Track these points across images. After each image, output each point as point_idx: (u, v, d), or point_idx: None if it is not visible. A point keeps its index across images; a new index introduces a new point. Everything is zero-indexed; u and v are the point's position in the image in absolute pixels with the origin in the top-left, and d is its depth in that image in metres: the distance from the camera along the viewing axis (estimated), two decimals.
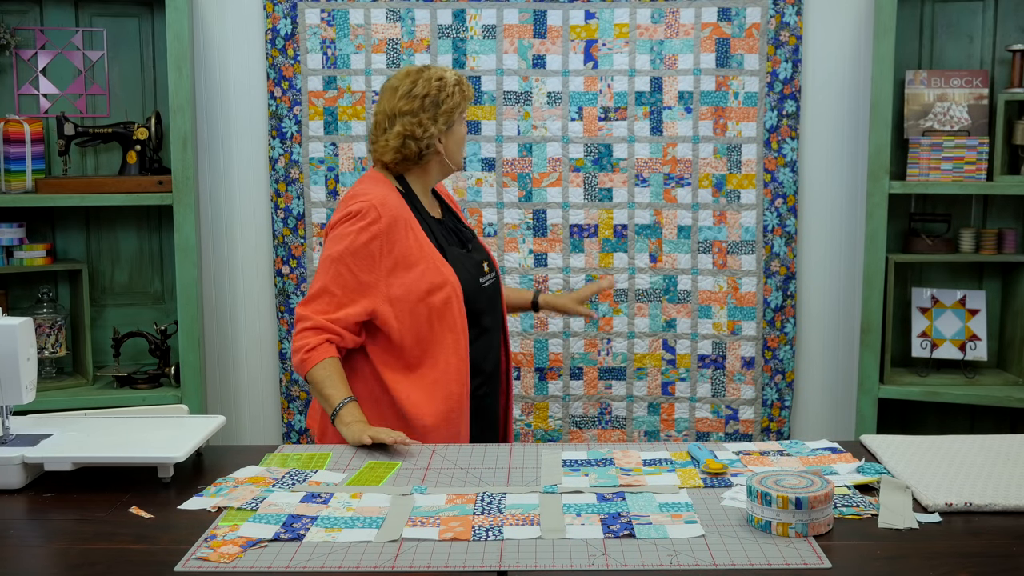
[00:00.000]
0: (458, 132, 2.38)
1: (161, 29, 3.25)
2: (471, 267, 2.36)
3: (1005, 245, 3.22)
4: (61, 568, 1.51)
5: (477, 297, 2.33)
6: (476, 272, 2.37)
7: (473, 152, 3.30)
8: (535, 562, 1.49)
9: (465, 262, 2.35)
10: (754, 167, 3.30)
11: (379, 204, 2.25)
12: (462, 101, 2.36)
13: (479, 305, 2.34)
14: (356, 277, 2.23)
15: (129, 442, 1.93)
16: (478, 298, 2.34)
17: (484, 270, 2.39)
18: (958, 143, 3.12)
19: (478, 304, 2.34)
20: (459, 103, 2.35)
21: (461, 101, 2.36)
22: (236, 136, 3.37)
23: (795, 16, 3.24)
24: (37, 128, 3.21)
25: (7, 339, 1.86)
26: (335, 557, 1.51)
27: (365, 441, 2.04)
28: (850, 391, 3.39)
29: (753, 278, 3.33)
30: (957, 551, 1.53)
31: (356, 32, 3.28)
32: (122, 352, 3.29)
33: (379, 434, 2.04)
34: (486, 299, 2.37)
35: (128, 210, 3.35)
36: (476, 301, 2.33)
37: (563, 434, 3.41)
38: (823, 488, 1.59)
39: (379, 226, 2.23)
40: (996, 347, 3.35)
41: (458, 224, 2.47)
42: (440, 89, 2.33)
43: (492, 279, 2.42)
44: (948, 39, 3.27)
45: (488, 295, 2.39)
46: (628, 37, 3.27)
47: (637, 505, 1.70)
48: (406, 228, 2.27)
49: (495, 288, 2.43)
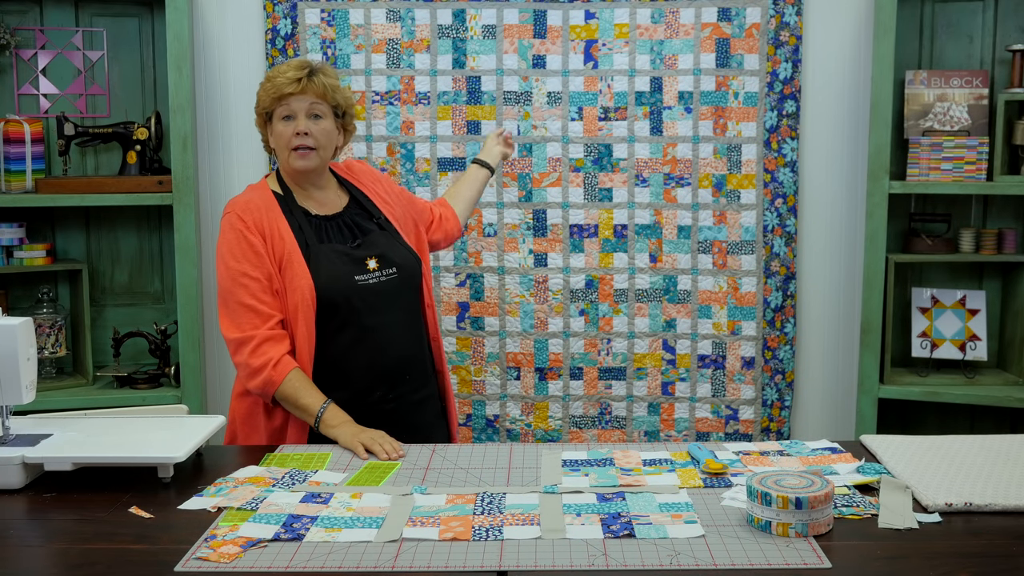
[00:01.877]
0: (276, 129, 2.31)
1: (161, 29, 3.25)
2: (342, 264, 2.26)
3: (1005, 245, 3.22)
4: (61, 568, 1.51)
5: (349, 295, 2.24)
6: (350, 269, 2.26)
7: (473, 152, 3.30)
8: (535, 562, 1.49)
9: (334, 260, 2.26)
10: (754, 167, 3.30)
11: (240, 209, 2.28)
12: (263, 95, 2.31)
13: (353, 303, 2.25)
14: (257, 280, 2.23)
15: (129, 442, 1.93)
16: (351, 296, 2.25)
17: (368, 267, 2.28)
18: (958, 143, 3.12)
19: (352, 303, 2.25)
20: (260, 97, 2.32)
21: (262, 95, 2.31)
22: (236, 136, 3.37)
23: (795, 16, 3.24)
24: (37, 128, 3.21)
25: (7, 339, 1.86)
26: (335, 557, 1.51)
27: (358, 450, 2.03)
28: (850, 391, 3.39)
29: (753, 278, 3.33)
30: (957, 551, 1.53)
31: (356, 32, 3.28)
32: (122, 352, 3.29)
33: (373, 446, 2.03)
34: (367, 297, 2.26)
35: (128, 210, 3.35)
36: (348, 299, 2.24)
37: (563, 434, 3.41)
38: (823, 488, 1.59)
39: (245, 227, 2.24)
40: (996, 347, 3.35)
41: (361, 218, 2.38)
42: (260, 84, 2.35)
43: (381, 277, 2.29)
44: (948, 39, 3.27)
45: (374, 292, 2.27)
46: (628, 37, 3.27)
47: (637, 505, 1.70)
48: (270, 227, 2.26)
49: (390, 285, 2.30)
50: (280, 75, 2.28)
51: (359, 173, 2.50)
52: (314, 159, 2.31)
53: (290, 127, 2.29)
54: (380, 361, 2.29)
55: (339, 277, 2.25)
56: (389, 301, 2.31)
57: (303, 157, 2.30)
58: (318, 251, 2.26)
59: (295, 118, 2.29)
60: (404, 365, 2.34)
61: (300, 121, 2.29)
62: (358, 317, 2.26)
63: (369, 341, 2.28)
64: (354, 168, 2.51)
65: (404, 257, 2.36)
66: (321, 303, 2.23)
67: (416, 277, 2.39)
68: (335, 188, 2.43)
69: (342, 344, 2.27)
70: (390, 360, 2.31)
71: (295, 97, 2.28)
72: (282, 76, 2.28)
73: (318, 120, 2.31)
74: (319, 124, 2.31)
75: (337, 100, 2.35)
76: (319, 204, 2.36)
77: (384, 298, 2.30)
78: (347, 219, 2.37)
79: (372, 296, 2.28)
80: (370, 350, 2.28)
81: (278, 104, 2.29)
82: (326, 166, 2.39)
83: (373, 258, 2.30)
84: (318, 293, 2.22)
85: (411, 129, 3.31)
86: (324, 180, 2.40)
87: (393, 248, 2.36)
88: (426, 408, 2.40)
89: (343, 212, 2.38)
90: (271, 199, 2.31)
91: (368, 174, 2.51)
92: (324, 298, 2.23)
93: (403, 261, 2.35)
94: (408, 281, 2.36)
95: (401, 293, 2.34)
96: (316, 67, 2.32)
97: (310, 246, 2.26)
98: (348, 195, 2.42)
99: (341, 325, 2.26)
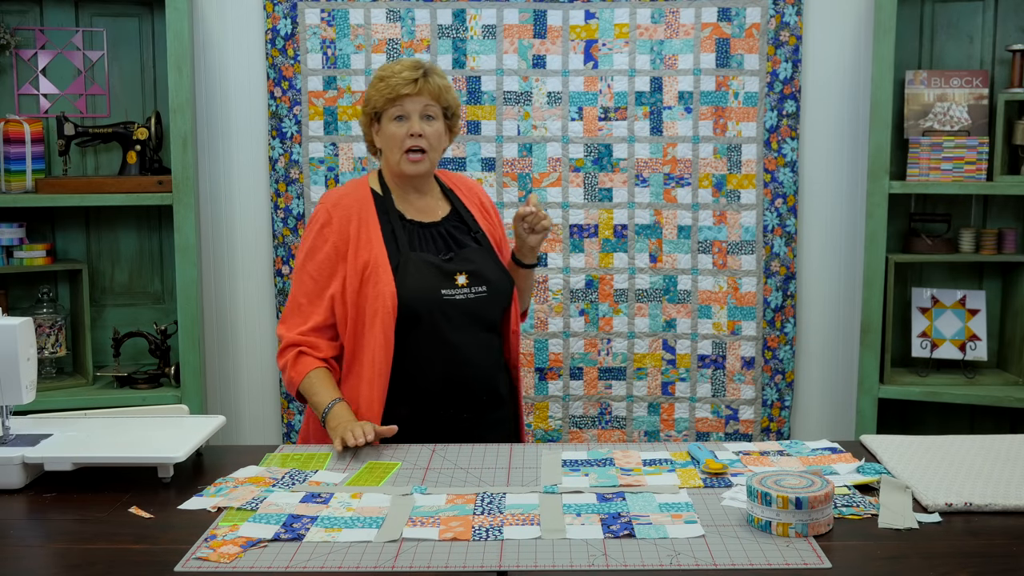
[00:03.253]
0: (385, 130, 2.26)
1: (161, 29, 3.25)
2: (431, 276, 2.20)
3: (1005, 245, 3.22)
4: (61, 568, 1.51)
5: (432, 309, 2.18)
6: (437, 282, 2.20)
7: (473, 152, 3.30)
8: (535, 562, 1.49)
9: (423, 270, 2.20)
10: (754, 167, 3.30)
11: (331, 205, 2.25)
12: (375, 95, 2.25)
13: (435, 318, 2.18)
14: (316, 282, 2.22)
15: (129, 442, 1.93)
16: (434, 310, 2.18)
17: (457, 282, 2.21)
18: (958, 143, 3.12)
19: (434, 316, 2.18)
20: (371, 97, 2.27)
21: (374, 95, 2.26)
22: (236, 136, 3.37)
23: (795, 16, 3.24)
24: (37, 128, 3.21)
25: (7, 339, 1.86)
26: (335, 557, 1.51)
27: (337, 448, 2.01)
28: (850, 391, 3.39)
29: (753, 278, 3.33)
30: (957, 551, 1.53)
31: (356, 32, 3.28)
32: (122, 352, 3.29)
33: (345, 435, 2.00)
34: (451, 313, 2.20)
35: (128, 210, 3.35)
36: (431, 313, 2.18)
37: (563, 434, 3.41)
38: (823, 488, 1.59)
39: (329, 228, 2.23)
40: (996, 347, 3.35)
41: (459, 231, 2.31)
42: (371, 84, 2.28)
43: (469, 294, 2.22)
44: (948, 39, 3.27)
45: (459, 309, 2.20)
46: (628, 37, 3.27)
47: (637, 505, 1.70)
48: (359, 227, 2.22)
49: (477, 304, 2.23)
50: (395, 75, 2.22)
51: (462, 184, 2.43)
52: (425, 163, 2.25)
53: (403, 128, 2.23)
54: (457, 378, 2.22)
55: (425, 289, 2.18)
56: (474, 319, 2.23)
57: (415, 162, 2.24)
58: (407, 259, 2.20)
59: (408, 119, 2.23)
60: (481, 385, 2.26)
61: (414, 123, 2.23)
62: (440, 332, 2.19)
63: (448, 357, 2.20)
64: (458, 178, 2.45)
65: (498, 276, 2.29)
66: (402, 313, 2.17)
67: (506, 298, 2.31)
68: (437, 195, 2.36)
69: (420, 356, 2.20)
70: (467, 379, 2.23)
71: (410, 98, 2.22)
72: (397, 76, 2.22)
73: (431, 121, 2.25)
74: (432, 126, 2.25)
75: (448, 102, 2.29)
76: (418, 210, 2.30)
77: (469, 316, 2.22)
78: (444, 229, 2.30)
79: (457, 312, 2.20)
80: (448, 366, 2.21)
81: (391, 105, 2.23)
82: (433, 170, 2.33)
83: (464, 274, 2.23)
84: (400, 302, 2.16)
85: None
86: (428, 186, 2.34)
87: (487, 265, 2.28)
88: (498, 431, 2.30)
89: (441, 221, 2.31)
90: (367, 197, 2.27)
91: (472, 188, 2.44)
92: (406, 308, 2.17)
93: (496, 280, 2.28)
94: (497, 301, 2.28)
95: (488, 313, 2.26)
96: (429, 68, 2.26)
97: (400, 252, 2.21)
98: (450, 205, 2.35)
99: (422, 337, 2.19)
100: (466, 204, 2.37)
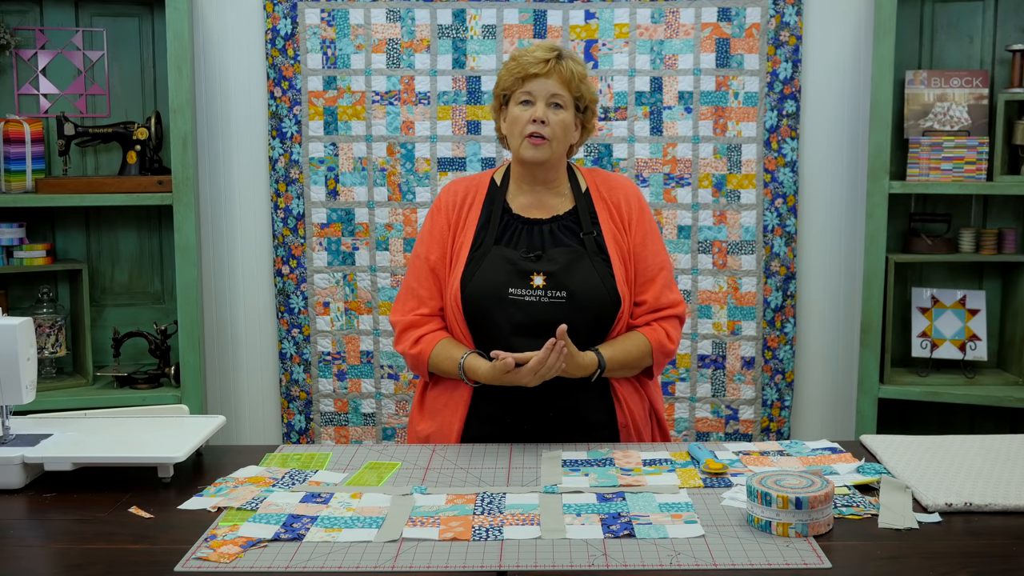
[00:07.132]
0: (511, 113, 2.15)
1: (161, 29, 3.25)
2: (504, 273, 2.08)
3: (1005, 245, 3.22)
4: (61, 568, 1.51)
5: (493, 308, 2.08)
6: (507, 280, 2.08)
7: (473, 152, 3.30)
8: (535, 562, 1.49)
9: (497, 266, 2.09)
10: (754, 167, 3.29)
11: (446, 191, 2.25)
12: (505, 75, 2.15)
13: (497, 318, 2.08)
14: (427, 263, 2.20)
15: (129, 442, 1.93)
16: (495, 310, 2.08)
17: (532, 282, 2.07)
18: (958, 143, 3.12)
19: (495, 317, 2.08)
20: (501, 77, 2.17)
21: (504, 75, 2.15)
22: (236, 136, 3.37)
23: (795, 16, 3.24)
24: (37, 128, 3.21)
25: (7, 339, 1.86)
26: (335, 557, 1.51)
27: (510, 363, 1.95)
28: (850, 391, 3.39)
29: (753, 278, 3.33)
30: (957, 551, 1.53)
31: (356, 32, 3.28)
32: (122, 352, 3.29)
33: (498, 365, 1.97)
34: (516, 315, 2.07)
35: (128, 210, 3.35)
36: (491, 312, 2.08)
37: None
38: (823, 488, 1.59)
39: (439, 214, 2.22)
40: (996, 347, 3.35)
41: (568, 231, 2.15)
42: (504, 65, 2.18)
43: (543, 297, 2.07)
44: (948, 39, 3.27)
45: (527, 312, 2.06)
46: (628, 37, 3.27)
47: (637, 505, 1.70)
48: (464, 215, 2.19)
49: (552, 309, 2.06)
50: (527, 54, 2.12)
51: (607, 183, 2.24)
52: (545, 150, 2.11)
53: (527, 112, 2.11)
54: (523, 394, 2.07)
55: (490, 285, 2.08)
56: (546, 327, 2.00)
57: (535, 147, 2.11)
58: (486, 253, 2.12)
59: (534, 103, 2.11)
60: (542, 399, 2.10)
61: (539, 107, 2.11)
62: (500, 332, 2.07)
63: None
64: (605, 177, 2.26)
65: (590, 286, 2.09)
66: (465, 309, 2.10)
67: (594, 312, 2.10)
68: (563, 192, 2.21)
69: None
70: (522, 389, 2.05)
71: (539, 79, 2.11)
72: (529, 55, 2.12)
73: (558, 110, 2.12)
74: (558, 114, 2.12)
75: (581, 91, 2.15)
76: (531, 204, 2.19)
77: (537, 320, 2.06)
78: (550, 227, 2.16)
79: (523, 315, 2.06)
80: None
81: (520, 85, 2.12)
82: (559, 163, 2.19)
83: (541, 274, 2.07)
84: (464, 296, 2.11)
85: (411, 129, 3.30)
86: (554, 178, 2.20)
87: (578, 270, 2.10)
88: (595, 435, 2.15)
89: (552, 219, 2.17)
90: (483, 186, 2.22)
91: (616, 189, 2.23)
92: (467, 304, 2.10)
93: (583, 289, 2.08)
94: (582, 313, 2.08)
95: (563, 321, 1.99)
96: (565, 52, 2.15)
97: (483, 245, 2.13)
98: (573, 203, 2.20)
99: (489, 338, 2.08)
100: (595, 204, 2.20)
